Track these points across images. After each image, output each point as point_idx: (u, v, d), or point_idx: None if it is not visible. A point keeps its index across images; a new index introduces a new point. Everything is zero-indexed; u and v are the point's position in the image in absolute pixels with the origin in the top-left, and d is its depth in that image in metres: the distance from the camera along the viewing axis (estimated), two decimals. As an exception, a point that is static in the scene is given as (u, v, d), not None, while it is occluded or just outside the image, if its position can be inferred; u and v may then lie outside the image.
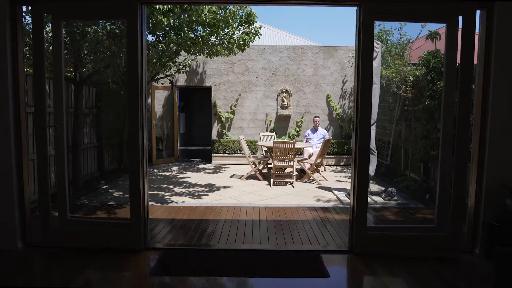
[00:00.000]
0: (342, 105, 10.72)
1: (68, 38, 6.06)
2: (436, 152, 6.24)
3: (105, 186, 7.28)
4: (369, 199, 6.76)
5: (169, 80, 8.99)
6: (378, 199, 6.45)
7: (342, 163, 10.46)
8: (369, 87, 3.76)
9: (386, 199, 6.28)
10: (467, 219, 3.94)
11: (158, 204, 5.95)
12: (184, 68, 8.36)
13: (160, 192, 6.84)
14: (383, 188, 7.30)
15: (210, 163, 10.55)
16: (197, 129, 16.00)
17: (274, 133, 9.69)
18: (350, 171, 8.78)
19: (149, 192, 6.85)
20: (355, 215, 3.83)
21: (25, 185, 3.91)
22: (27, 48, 5.77)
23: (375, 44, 6.72)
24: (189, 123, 15.79)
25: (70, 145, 6.68)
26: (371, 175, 6.69)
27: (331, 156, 10.32)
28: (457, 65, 3.73)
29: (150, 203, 6.02)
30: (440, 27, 7.65)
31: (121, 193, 6.78)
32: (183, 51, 8.44)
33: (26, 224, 3.93)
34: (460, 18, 3.69)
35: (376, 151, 6.66)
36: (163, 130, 10.95)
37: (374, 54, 6.72)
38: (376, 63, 6.66)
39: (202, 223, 4.88)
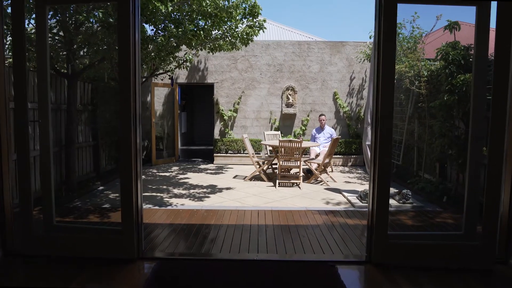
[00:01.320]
0: (349, 103, 10.29)
1: (58, 27, 5.67)
2: (454, 151, 5.81)
3: (100, 188, 6.88)
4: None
5: (169, 76, 8.58)
6: (392, 201, 6.02)
7: (349, 163, 10.03)
8: (391, 80, 3.32)
9: (401, 201, 5.85)
10: (499, 226, 3.51)
11: (156, 207, 5.54)
12: (184, 63, 7.95)
13: (158, 194, 6.44)
14: (396, 190, 6.87)
15: (212, 163, 10.14)
16: (199, 128, 15.61)
17: (279, 132, 9.27)
18: (359, 171, 8.23)
19: (147, 194, 6.44)
20: (374, 220, 3.40)
21: (5, 187, 3.50)
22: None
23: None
24: (191, 122, 15.39)
25: (63, 143, 6.29)
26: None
27: (338, 156, 9.89)
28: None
29: (147, 206, 5.63)
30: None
31: (117, 195, 6.37)
32: (183, 46, 8.05)
33: (6, 230, 3.52)
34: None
35: (389, 151, 6.23)
36: (163, 129, 10.54)
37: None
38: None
39: (203, 228, 4.47)
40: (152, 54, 6.67)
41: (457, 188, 5.92)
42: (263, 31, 8.36)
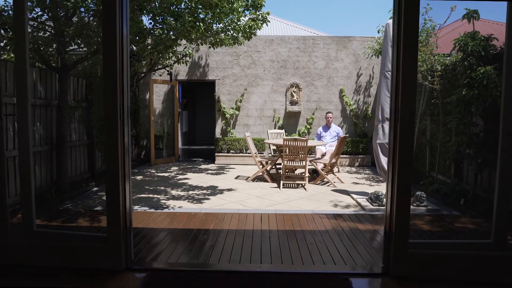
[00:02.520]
0: (356, 100, 9.87)
1: (48, 17, 5.31)
2: (473, 150, 5.39)
3: (95, 189, 6.51)
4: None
5: (168, 71, 8.19)
6: (404, 204, 5.61)
7: (356, 164, 9.61)
8: (413, 72, 2.91)
9: (415, 204, 5.43)
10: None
11: (152, 210, 5.16)
12: (184, 58, 7.56)
13: (155, 196, 6.05)
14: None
15: (213, 163, 9.75)
16: (201, 127, 15.24)
17: (283, 131, 8.86)
18: (367, 172, 7.79)
19: (143, 195, 6.07)
20: (392, 226, 3.00)
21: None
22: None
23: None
24: (193, 121, 15.01)
25: (54, 142, 5.92)
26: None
27: (344, 156, 9.48)
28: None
29: (142, 208, 5.25)
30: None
31: (111, 196, 5.99)
32: (183, 41, 7.68)
33: (-20, 237, 3.14)
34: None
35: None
36: (163, 128, 10.17)
37: (400, 38, 5.92)
38: (402, 49, 5.83)
39: (200, 234, 4.08)
40: (149, 47, 6.28)
41: (475, 190, 5.50)
42: (267, 25, 7.98)
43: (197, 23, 6.39)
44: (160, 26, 6.58)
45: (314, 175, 7.87)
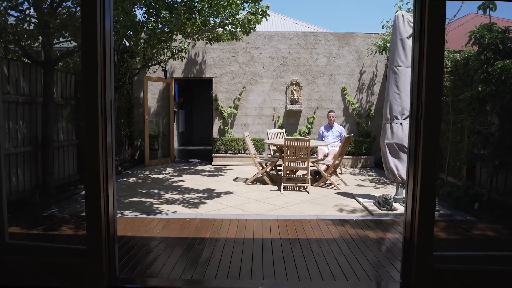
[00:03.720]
0: (359, 99, 9.50)
1: (29, 5, 4.91)
2: (488, 151, 5.03)
3: (83, 192, 6.09)
4: (403, 209, 5.58)
5: (162, 67, 7.79)
6: (415, 208, 5.24)
7: (359, 165, 9.24)
8: (440, 57, 2.54)
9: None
10: None
11: (143, 216, 4.77)
12: (179, 54, 7.17)
13: (148, 200, 5.66)
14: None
15: (211, 164, 9.35)
16: (198, 127, 14.84)
17: (283, 130, 8.47)
18: (371, 173, 7.36)
19: (135, 199, 5.67)
20: (414, 236, 2.63)
21: None
22: None
23: (409, 18, 5.56)
24: (190, 121, 14.61)
25: (39, 142, 5.52)
26: (404, 178, 5.50)
27: (347, 156, 9.10)
28: None
29: (133, 214, 4.86)
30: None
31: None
32: (179, 36, 7.29)
33: None
34: None
35: (411, 150, 5.45)
36: (158, 128, 9.76)
37: (410, 31, 5.54)
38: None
39: (195, 244, 3.69)
40: (142, 40, 5.88)
41: (490, 194, 5.13)
42: (266, 19, 7.60)
43: (193, 15, 6.00)
44: (154, 19, 6.18)
45: (316, 177, 7.50)
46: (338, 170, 7.27)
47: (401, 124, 5.31)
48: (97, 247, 2.62)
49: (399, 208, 5.23)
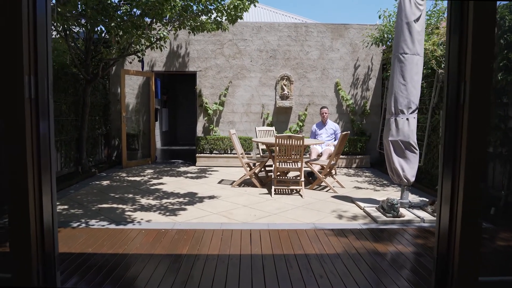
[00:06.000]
0: (353, 95, 8.90)
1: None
2: (506, 149, 4.45)
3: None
4: (411, 215, 4.96)
5: (139, 57, 7.05)
6: (423, 214, 4.65)
7: (354, 165, 8.64)
8: (491, 31, 1.91)
9: (435, 214, 4.45)
10: None
11: (111, 226, 4.04)
12: (158, 42, 6.44)
13: (120, 206, 4.93)
14: (425, 199, 5.50)
15: (194, 165, 8.63)
16: (183, 126, 14.08)
17: (273, 128, 7.81)
18: (367, 174, 6.66)
19: (105, 205, 4.93)
20: (454, 256, 1.99)
21: None
22: None
23: (418, 0, 4.96)
24: (174, 120, 13.85)
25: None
26: (411, 180, 4.90)
27: (341, 156, 8.48)
28: None
29: (99, 223, 4.12)
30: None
31: (66, 206, 4.86)
32: (158, 24, 6.57)
33: None
34: None
35: (418, 149, 4.86)
36: (138, 126, 9.00)
37: (418, 14, 4.92)
38: (420, 27, 4.86)
39: (170, 264, 3.00)
40: (113, 24, 5.15)
41: (507, 197, 4.55)
42: (255, 5, 6.94)
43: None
44: (128, 1, 5.46)
45: (310, 179, 6.86)
46: (333, 171, 6.64)
47: (407, 119, 4.71)
48: (26, 277, 1.92)
49: (406, 214, 4.62)
